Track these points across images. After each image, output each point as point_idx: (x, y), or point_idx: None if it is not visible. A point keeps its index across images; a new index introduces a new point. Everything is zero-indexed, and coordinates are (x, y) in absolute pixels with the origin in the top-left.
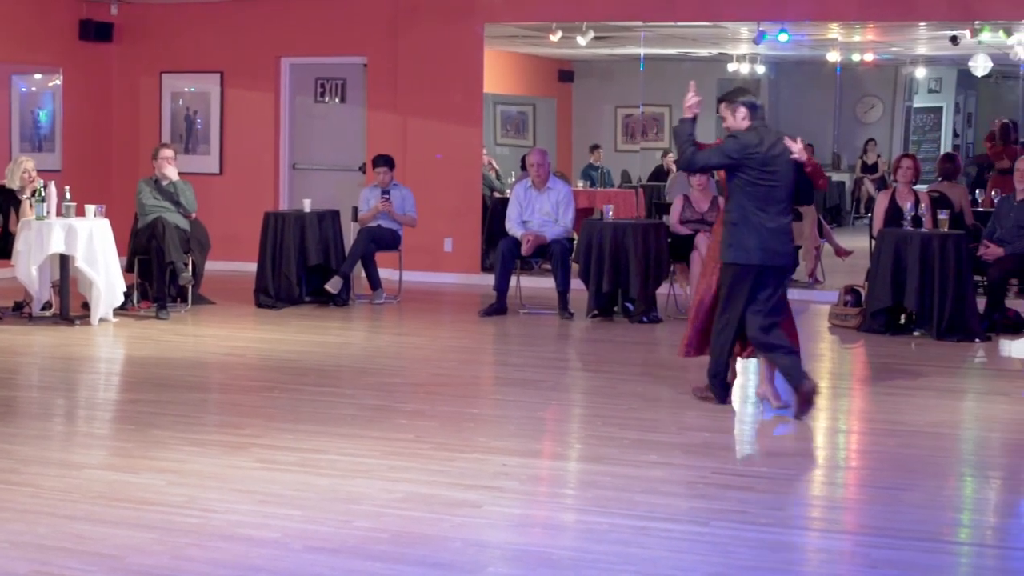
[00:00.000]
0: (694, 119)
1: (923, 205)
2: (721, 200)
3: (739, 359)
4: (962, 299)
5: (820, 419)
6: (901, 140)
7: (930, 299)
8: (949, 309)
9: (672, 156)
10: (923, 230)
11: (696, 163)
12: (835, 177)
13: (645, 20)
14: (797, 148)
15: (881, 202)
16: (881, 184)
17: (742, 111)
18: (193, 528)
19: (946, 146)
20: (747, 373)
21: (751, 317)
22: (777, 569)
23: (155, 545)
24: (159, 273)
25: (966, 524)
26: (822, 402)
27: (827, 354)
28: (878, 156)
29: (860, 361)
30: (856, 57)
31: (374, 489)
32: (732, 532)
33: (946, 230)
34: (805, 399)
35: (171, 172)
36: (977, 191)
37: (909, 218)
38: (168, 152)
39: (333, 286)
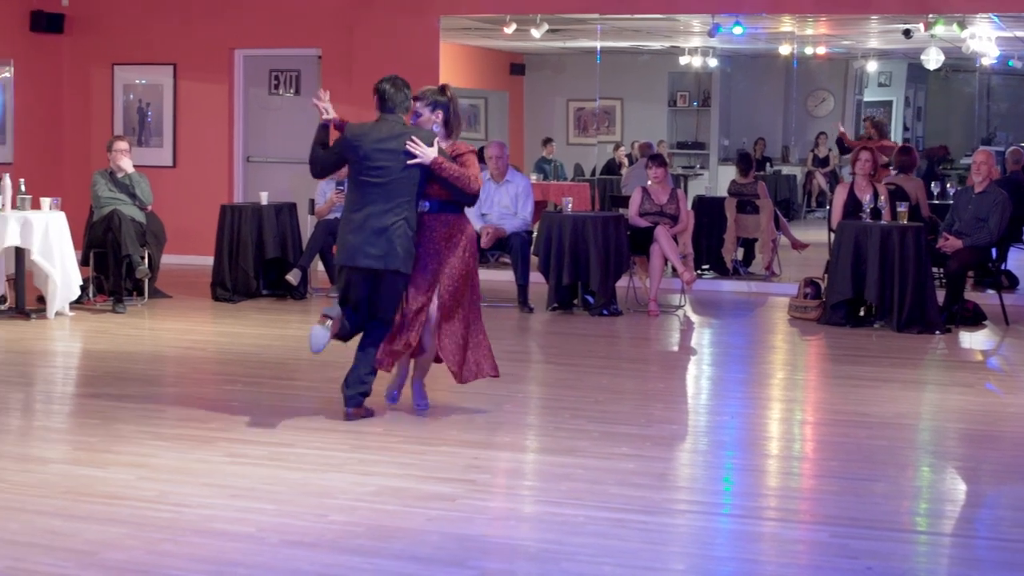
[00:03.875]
0: (326, 125)
1: (882, 197)
2: (680, 192)
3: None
4: (922, 291)
5: (777, 410)
6: (852, 134)
7: (890, 291)
8: (909, 301)
9: (624, 150)
10: (882, 222)
11: (314, 164)
12: (785, 170)
13: (602, 13)
14: (420, 152)
15: (840, 194)
16: (832, 178)
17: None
18: (166, 523)
19: (896, 140)
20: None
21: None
22: (754, 560)
23: (129, 540)
24: (115, 266)
25: (937, 514)
26: (785, 393)
27: (786, 346)
28: (829, 150)
29: (821, 353)
30: (809, 50)
31: (346, 483)
32: (707, 523)
33: (905, 222)
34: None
35: (126, 164)
36: (933, 184)
37: (868, 210)
38: (123, 144)
39: (293, 276)
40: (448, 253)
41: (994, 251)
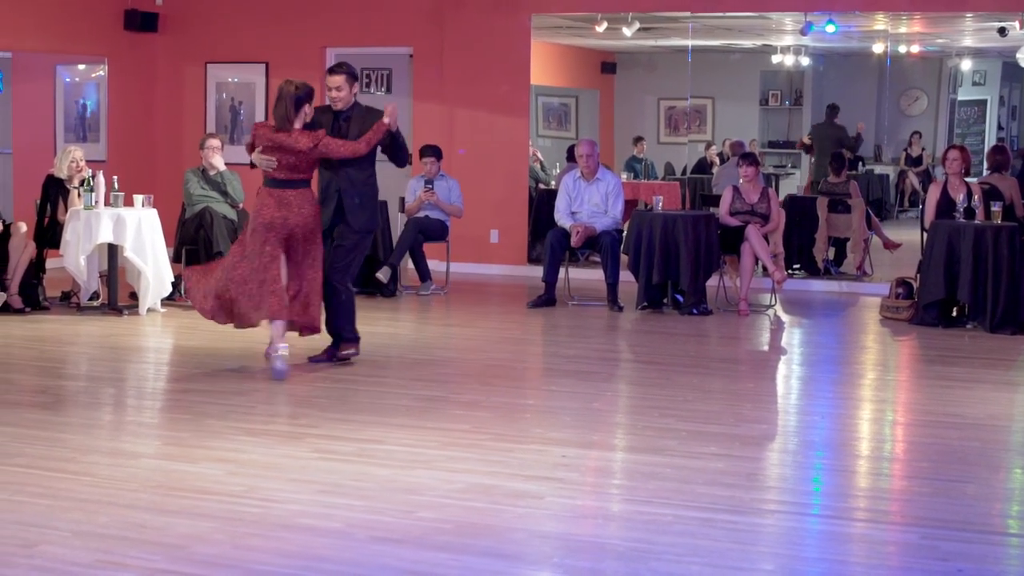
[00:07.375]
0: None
1: (976, 197)
2: (771, 191)
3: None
4: (1015, 291)
5: (867, 411)
6: (945, 133)
7: (983, 291)
8: (1003, 301)
9: (715, 149)
10: (976, 222)
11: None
12: (878, 170)
13: (693, 11)
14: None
15: (933, 194)
16: (925, 177)
17: None
18: (255, 518)
19: (990, 139)
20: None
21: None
22: (843, 561)
23: (217, 535)
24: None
25: None
26: (876, 394)
27: (878, 346)
28: (922, 149)
29: (912, 353)
30: (902, 49)
31: (434, 480)
32: (796, 524)
33: (999, 222)
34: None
35: (218, 162)
36: None
37: (961, 210)
38: (215, 142)
39: (384, 275)
40: None
41: None
